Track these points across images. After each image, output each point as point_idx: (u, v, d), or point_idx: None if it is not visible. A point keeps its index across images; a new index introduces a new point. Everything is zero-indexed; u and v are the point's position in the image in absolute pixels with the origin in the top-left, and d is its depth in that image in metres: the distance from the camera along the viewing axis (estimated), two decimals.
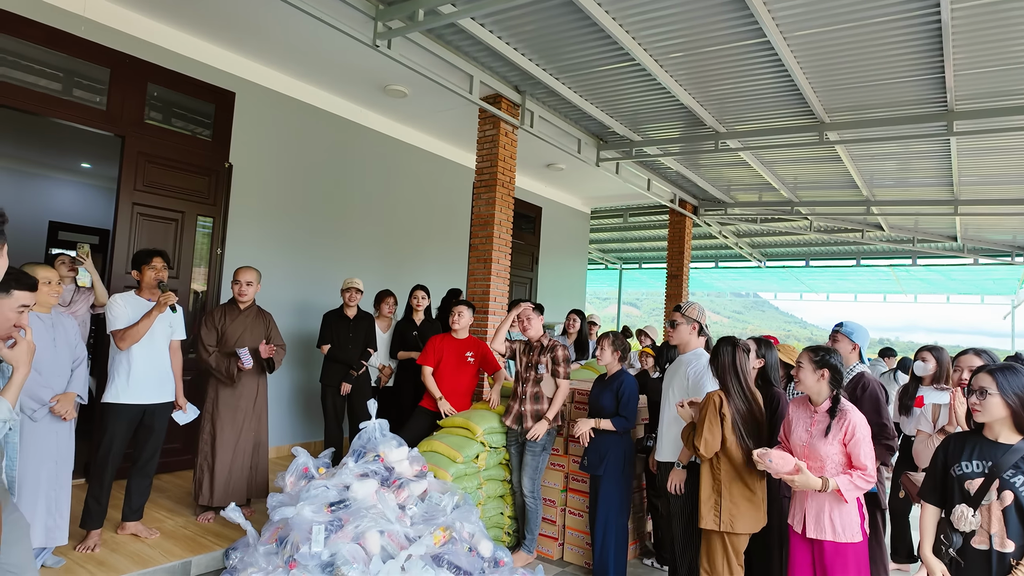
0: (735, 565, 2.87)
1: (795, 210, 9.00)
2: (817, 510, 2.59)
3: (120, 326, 3.47)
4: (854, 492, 2.52)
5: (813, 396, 2.70)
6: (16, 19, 4.06)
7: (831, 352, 2.70)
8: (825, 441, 2.58)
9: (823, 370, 2.65)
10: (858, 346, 3.57)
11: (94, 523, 3.40)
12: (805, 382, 2.69)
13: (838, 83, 4.92)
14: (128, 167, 4.63)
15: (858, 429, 2.53)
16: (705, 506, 2.86)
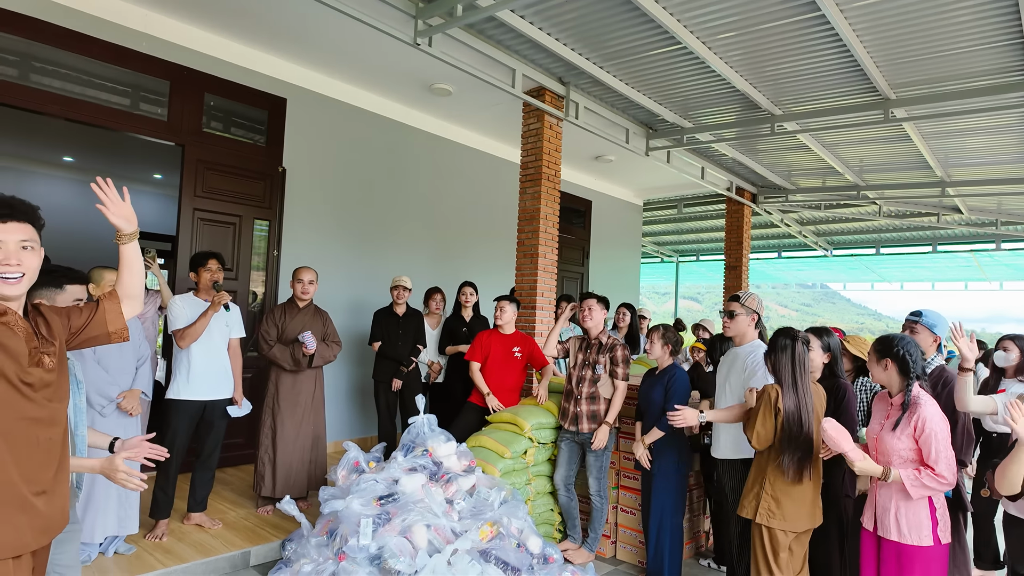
0: (773, 564, 2.71)
1: (862, 195, 8.51)
2: (883, 507, 2.43)
3: (179, 326, 3.63)
4: (919, 490, 2.33)
5: (888, 388, 2.55)
6: (84, 38, 4.31)
7: (898, 340, 2.52)
8: (893, 434, 2.40)
9: (885, 360, 2.49)
10: (939, 338, 3.32)
11: (162, 513, 3.58)
12: (875, 374, 2.57)
13: (903, 56, 4.61)
14: (188, 174, 4.85)
15: (929, 423, 2.34)
16: (746, 496, 2.77)
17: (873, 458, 2.50)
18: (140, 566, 3.19)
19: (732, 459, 3.22)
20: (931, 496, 2.37)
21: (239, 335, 3.92)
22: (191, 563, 3.28)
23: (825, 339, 3.17)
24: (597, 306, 3.93)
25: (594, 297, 3.97)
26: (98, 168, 8.07)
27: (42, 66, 4.27)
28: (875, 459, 2.47)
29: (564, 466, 3.92)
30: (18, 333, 1.58)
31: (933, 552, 2.34)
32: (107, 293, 1.90)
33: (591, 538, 3.86)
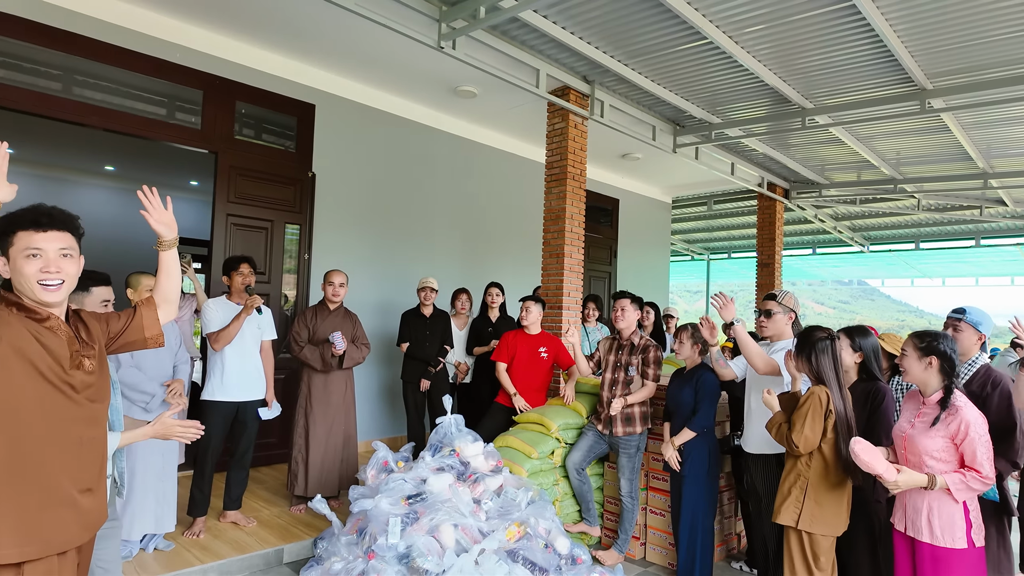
0: (815, 570, 2.66)
1: (899, 188, 8.27)
2: (914, 509, 2.35)
3: (213, 329, 3.73)
4: (966, 493, 2.26)
5: (921, 387, 2.45)
6: (123, 52, 4.46)
7: (940, 337, 2.43)
8: (928, 434, 2.33)
9: (930, 357, 2.39)
10: (984, 336, 3.20)
11: (199, 511, 3.69)
12: (911, 372, 2.44)
13: (941, 44, 4.46)
14: (221, 181, 4.98)
15: (973, 427, 2.26)
16: (784, 502, 2.68)
17: (902, 458, 2.43)
18: (179, 562, 3.29)
19: (765, 454, 3.17)
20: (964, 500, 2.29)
21: (271, 337, 4.01)
22: (227, 560, 3.37)
23: (857, 339, 3.08)
24: (631, 306, 3.86)
25: (627, 296, 3.89)
26: (137, 176, 8.35)
27: (84, 79, 4.44)
28: (904, 459, 2.40)
29: (581, 451, 3.87)
30: (61, 337, 1.65)
31: (968, 555, 2.26)
32: (144, 300, 1.97)
33: (620, 539, 3.84)
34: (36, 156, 7.47)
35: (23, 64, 4.18)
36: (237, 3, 4.42)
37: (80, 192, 8.25)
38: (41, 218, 1.63)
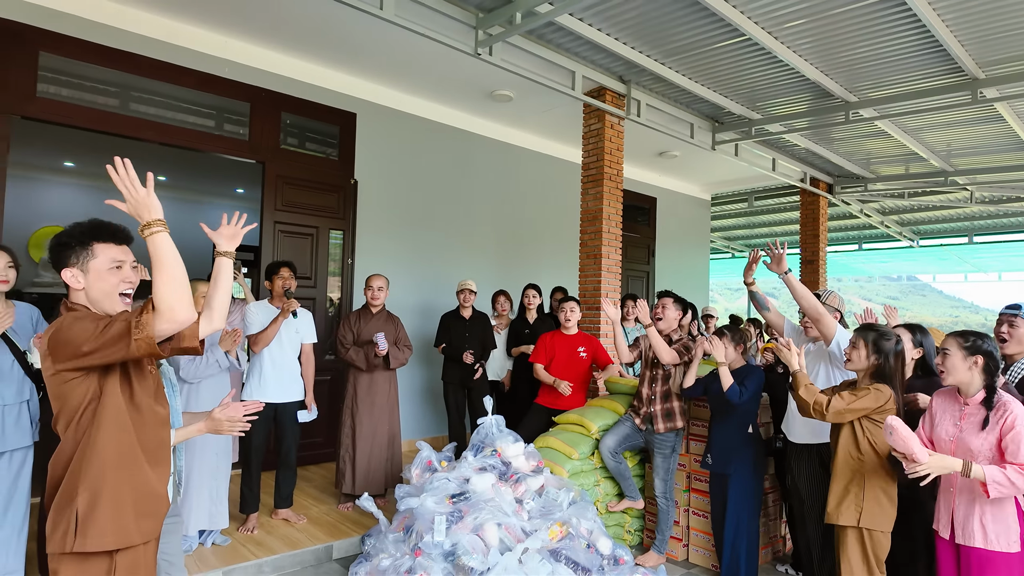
0: (876, 569, 2.62)
1: (950, 180, 7.97)
2: (965, 513, 2.29)
3: (253, 331, 3.87)
4: (1005, 488, 2.16)
5: (963, 387, 2.39)
6: (175, 68, 4.67)
7: (984, 337, 2.39)
8: (979, 435, 2.28)
9: (976, 357, 2.34)
10: None
11: (250, 508, 3.84)
12: (955, 371, 2.38)
13: (992, 32, 4.31)
14: (269, 189, 5.16)
15: (1019, 421, 2.20)
16: (843, 501, 2.63)
17: None
18: (235, 556, 3.44)
19: (808, 447, 3.13)
20: (1018, 499, 2.23)
21: (311, 341, 4.12)
22: (280, 555, 3.50)
23: (918, 335, 3.03)
24: (672, 305, 3.89)
25: (670, 296, 3.93)
26: (186, 185, 8.69)
27: (139, 95, 4.66)
28: None
29: (616, 436, 3.86)
30: None
31: (1019, 559, 2.20)
32: None
33: (659, 540, 3.83)
34: (91, 168, 7.85)
35: (83, 83, 4.42)
36: (281, 18, 4.58)
37: None
38: (118, 232, 1.74)
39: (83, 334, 1.53)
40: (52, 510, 1.60)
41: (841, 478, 2.67)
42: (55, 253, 1.67)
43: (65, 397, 1.58)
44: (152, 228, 1.56)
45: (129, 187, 1.57)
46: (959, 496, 2.33)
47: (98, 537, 1.57)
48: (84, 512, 1.56)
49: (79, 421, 1.59)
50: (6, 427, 2.69)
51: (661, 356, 3.70)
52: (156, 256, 1.55)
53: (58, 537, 1.57)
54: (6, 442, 2.69)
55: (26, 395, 2.80)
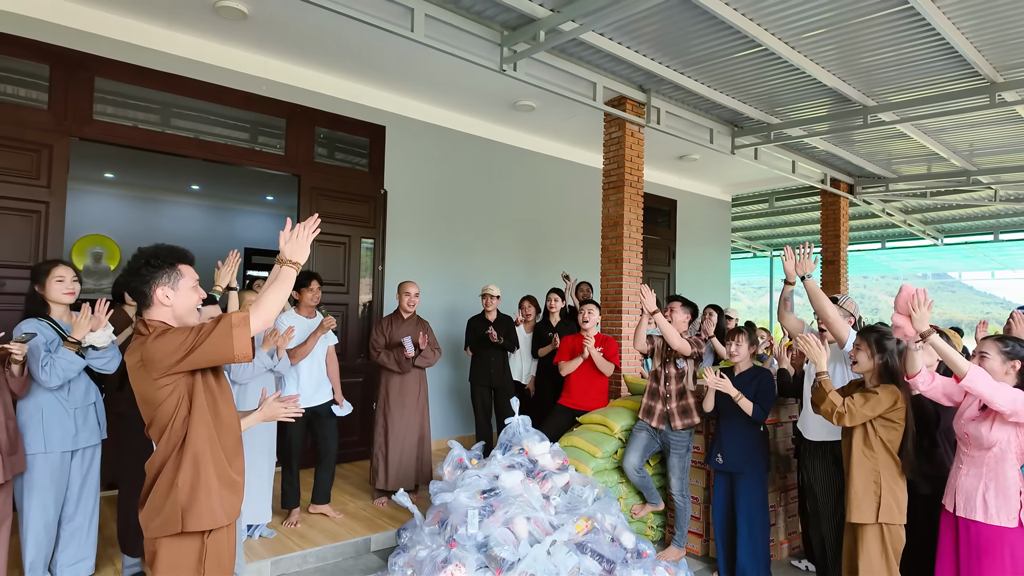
0: (893, 563, 2.75)
1: (973, 180, 7.96)
2: (969, 488, 2.45)
3: (292, 345, 4.05)
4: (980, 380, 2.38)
5: None
6: (216, 88, 4.95)
7: (1022, 342, 2.52)
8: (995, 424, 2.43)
9: (1014, 361, 2.48)
10: None
11: (291, 503, 4.10)
12: (992, 373, 2.51)
13: (1009, 37, 4.38)
14: (304, 201, 5.43)
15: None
16: (861, 500, 2.75)
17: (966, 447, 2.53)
18: (281, 548, 3.69)
19: (823, 444, 3.27)
20: (1020, 480, 2.39)
21: (333, 343, 4.37)
22: (323, 547, 3.75)
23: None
24: (680, 308, 4.06)
25: (679, 300, 4.10)
26: (219, 193, 9.04)
27: (182, 111, 4.95)
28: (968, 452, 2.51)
29: (637, 453, 3.99)
30: None
31: (1018, 534, 2.36)
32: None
33: (678, 535, 3.99)
34: (132, 179, 8.23)
35: (129, 102, 4.71)
36: (316, 38, 4.83)
37: (169, 210, 8.99)
38: (192, 256, 1.98)
39: (175, 341, 1.77)
40: (151, 502, 1.84)
41: (857, 476, 2.78)
42: (144, 274, 1.88)
43: (158, 403, 1.81)
44: (292, 265, 1.93)
45: (304, 238, 1.94)
46: (965, 474, 2.47)
47: (197, 518, 1.82)
48: (185, 500, 1.81)
49: (173, 425, 1.83)
50: (78, 427, 2.96)
51: (671, 341, 3.81)
52: (280, 279, 1.90)
53: (160, 523, 1.81)
54: (78, 440, 2.97)
55: (92, 398, 3.07)
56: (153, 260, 1.89)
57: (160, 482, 1.83)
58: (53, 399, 2.91)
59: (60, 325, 2.97)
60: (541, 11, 4.22)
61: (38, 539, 2.91)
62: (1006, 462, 2.40)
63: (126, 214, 8.56)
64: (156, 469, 1.85)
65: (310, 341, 4.10)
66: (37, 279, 2.97)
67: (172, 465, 1.83)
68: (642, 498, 4.20)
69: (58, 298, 2.97)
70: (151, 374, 1.78)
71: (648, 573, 3.33)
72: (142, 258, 1.90)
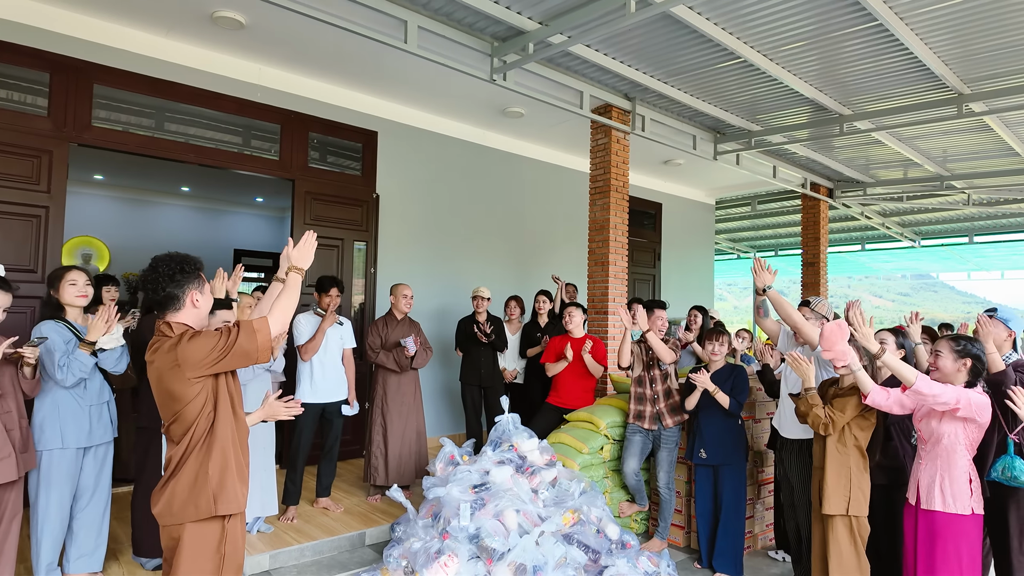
0: (862, 551, 2.98)
1: (947, 185, 8.24)
2: (928, 480, 2.65)
3: (303, 341, 4.25)
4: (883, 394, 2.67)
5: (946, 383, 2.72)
6: (211, 95, 5.06)
7: (974, 342, 2.72)
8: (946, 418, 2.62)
9: (965, 359, 2.67)
10: (1014, 333, 3.43)
11: (292, 500, 4.23)
12: (944, 369, 2.71)
13: (974, 53, 4.61)
14: (299, 205, 5.55)
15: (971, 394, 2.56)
16: (833, 491, 2.97)
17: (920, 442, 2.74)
18: (279, 542, 3.82)
19: (799, 440, 3.45)
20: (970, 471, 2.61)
21: (351, 346, 4.53)
22: (319, 541, 3.88)
23: (899, 338, 3.36)
24: (641, 310, 4.30)
25: (640, 302, 4.33)
26: (209, 195, 9.11)
27: (179, 116, 5.04)
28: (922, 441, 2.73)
29: (636, 457, 4.18)
30: None
31: (968, 522, 2.57)
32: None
33: (661, 527, 4.17)
34: (121, 181, 8.27)
35: (126, 107, 4.81)
36: (310, 47, 4.95)
37: (158, 211, 9.04)
38: (202, 263, 2.14)
39: (208, 344, 1.95)
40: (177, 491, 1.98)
41: (830, 471, 3.00)
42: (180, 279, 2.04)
43: (188, 400, 1.96)
44: (298, 271, 2.19)
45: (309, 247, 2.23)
46: (924, 467, 2.68)
47: (226, 503, 2.00)
48: (216, 486, 1.98)
49: (199, 420, 1.99)
50: (92, 424, 3.08)
51: (664, 357, 4.07)
52: (290, 287, 2.15)
53: (193, 509, 1.97)
54: (92, 437, 3.08)
55: (106, 396, 3.19)
56: (186, 266, 2.06)
57: (185, 472, 1.98)
58: (69, 396, 3.03)
59: (75, 327, 3.09)
60: (530, 24, 4.38)
61: (54, 533, 3.03)
62: (956, 453, 2.60)
63: (115, 216, 8.60)
64: (180, 461, 1.99)
65: (318, 336, 4.25)
66: (52, 284, 3.12)
67: (200, 456, 1.98)
68: (630, 497, 4.38)
69: (72, 301, 3.10)
70: (186, 373, 1.93)
71: (632, 563, 3.50)
72: (174, 264, 2.05)
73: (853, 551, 2.98)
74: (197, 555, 1.97)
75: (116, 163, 7.24)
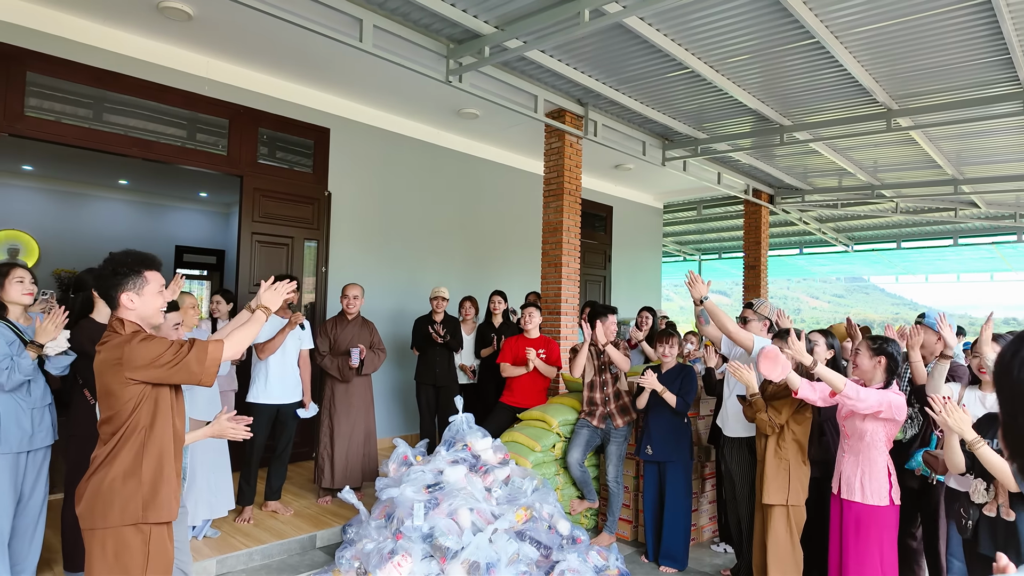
0: (797, 541, 3.17)
1: (878, 193, 8.75)
2: (849, 473, 2.84)
3: (260, 340, 4.16)
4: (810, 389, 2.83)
5: (866, 381, 2.91)
6: (156, 87, 4.89)
7: (890, 341, 2.91)
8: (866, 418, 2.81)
9: (880, 357, 2.86)
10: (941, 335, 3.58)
11: (247, 500, 4.15)
12: (863, 367, 2.90)
13: (900, 72, 4.93)
14: (247, 202, 5.42)
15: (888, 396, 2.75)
16: (773, 484, 3.15)
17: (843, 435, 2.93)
18: (226, 547, 3.74)
19: (740, 438, 3.63)
20: (888, 465, 2.81)
21: (309, 347, 4.46)
22: (269, 544, 3.81)
23: (829, 339, 3.57)
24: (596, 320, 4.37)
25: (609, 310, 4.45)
26: (150, 190, 8.76)
27: (120, 108, 4.84)
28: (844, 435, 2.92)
29: (580, 448, 4.28)
30: None
31: (888, 511, 2.77)
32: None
33: (610, 521, 4.29)
34: (53, 173, 7.86)
35: (68, 99, 4.59)
36: (261, 42, 4.85)
37: (93, 205, 8.63)
38: (159, 261, 2.08)
39: (154, 351, 1.89)
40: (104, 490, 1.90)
41: (770, 465, 3.19)
42: (109, 280, 1.98)
43: (124, 399, 1.90)
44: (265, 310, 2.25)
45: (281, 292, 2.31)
46: (845, 460, 2.87)
47: (156, 510, 1.94)
48: (148, 492, 1.92)
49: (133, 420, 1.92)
50: (35, 427, 2.95)
51: (623, 367, 4.25)
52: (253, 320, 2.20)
53: (117, 512, 1.89)
54: (34, 441, 2.95)
55: (48, 399, 3.06)
56: (120, 267, 1.98)
57: (115, 471, 1.90)
58: (11, 399, 2.89)
59: (18, 327, 2.94)
60: (486, 28, 4.43)
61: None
62: (876, 449, 2.80)
63: (45, 209, 8.15)
64: (105, 460, 1.92)
65: (278, 338, 4.17)
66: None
67: (131, 457, 1.92)
68: (580, 493, 4.48)
69: (18, 299, 2.96)
70: (125, 373, 1.87)
71: (582, 558, 3.60)
72: (110, 265, 1.99)
73: (789, 540, 3.17)
74: (118, 562, 1.90)
75: (48, 154, 6.87)
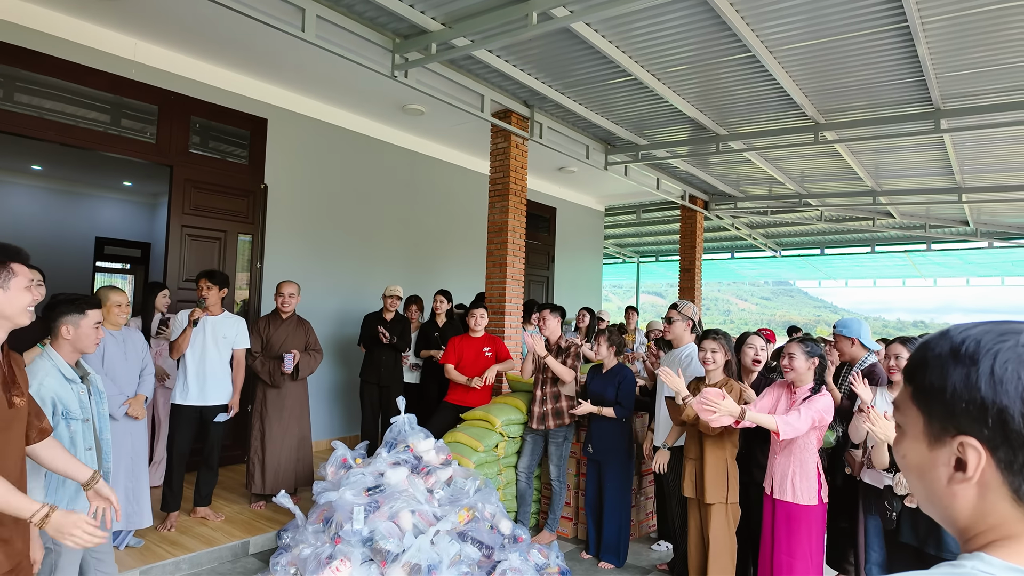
0: (734, 534, 3.30)
1: (804, 202, 9.22)
2: (781, 474, 2.98)
3: (173, 339, 3.98)
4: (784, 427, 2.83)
5: (798, 381, 3.05)
6: (79, 68, 4.57)
7: (819, 343, 3.10)
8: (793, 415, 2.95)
9: (814, 359, 3.02)
10: (855, 339, 3.71)
11: (171, 507, 3.95)
12: (798, 368, 3.03)
13: (827, 88, 5.21)
14: (176, 193, 5.15)
15: (821, 402, 2.90)
16: (714, 484, 3.26)
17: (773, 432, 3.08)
18: (151, 556, 3.54)
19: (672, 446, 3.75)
20: (818, 465, 2.95)
21: (243, 346, 4.25)
22: (197, 553, 3.64)
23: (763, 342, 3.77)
24: (550, 315, 4.46)
25: (549, 308, 4.51)
26: (67, 176, 8.19)
27: (34, 88, 4.51)
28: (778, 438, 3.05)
29: (528, 456, 4.37)
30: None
31: (817, 510, 2.92)
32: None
33: (551, 519, 4.35)
34: None
35: None
36: (193, 24, 4.62)
37: (4, 192, 8.01)
38: (27, 255, 1.84)
39: None
40: None
41: (710, 465, 3.29)
42: None
43: None
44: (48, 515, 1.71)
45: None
46: (777, 461, 3.01)
47: None
48: None
49: None
50: None
51: (564, 378, 4.24)
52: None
53: None
54: None
55: None
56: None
57: None
58: None
59: None
60: (434, 24, 4.38)
61: None
62: (807, 451, 2.95)
63: None
64: None
65: (181, 338, 3.98)
66: None
67: None
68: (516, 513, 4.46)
69: None
70: None
71: (523, 556, 3.62)
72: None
73: (728, 535, 3.30)
74: None
75: None
